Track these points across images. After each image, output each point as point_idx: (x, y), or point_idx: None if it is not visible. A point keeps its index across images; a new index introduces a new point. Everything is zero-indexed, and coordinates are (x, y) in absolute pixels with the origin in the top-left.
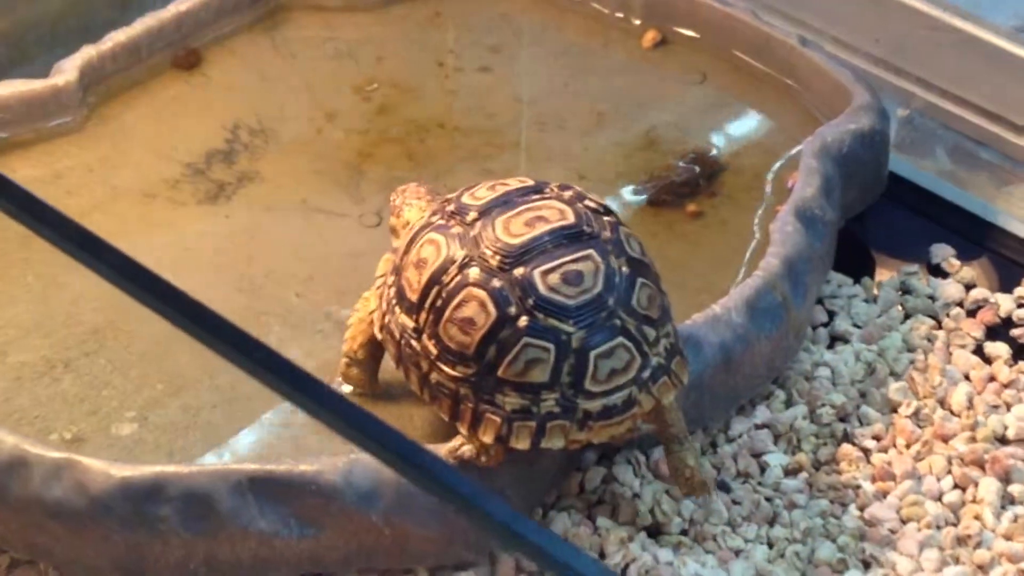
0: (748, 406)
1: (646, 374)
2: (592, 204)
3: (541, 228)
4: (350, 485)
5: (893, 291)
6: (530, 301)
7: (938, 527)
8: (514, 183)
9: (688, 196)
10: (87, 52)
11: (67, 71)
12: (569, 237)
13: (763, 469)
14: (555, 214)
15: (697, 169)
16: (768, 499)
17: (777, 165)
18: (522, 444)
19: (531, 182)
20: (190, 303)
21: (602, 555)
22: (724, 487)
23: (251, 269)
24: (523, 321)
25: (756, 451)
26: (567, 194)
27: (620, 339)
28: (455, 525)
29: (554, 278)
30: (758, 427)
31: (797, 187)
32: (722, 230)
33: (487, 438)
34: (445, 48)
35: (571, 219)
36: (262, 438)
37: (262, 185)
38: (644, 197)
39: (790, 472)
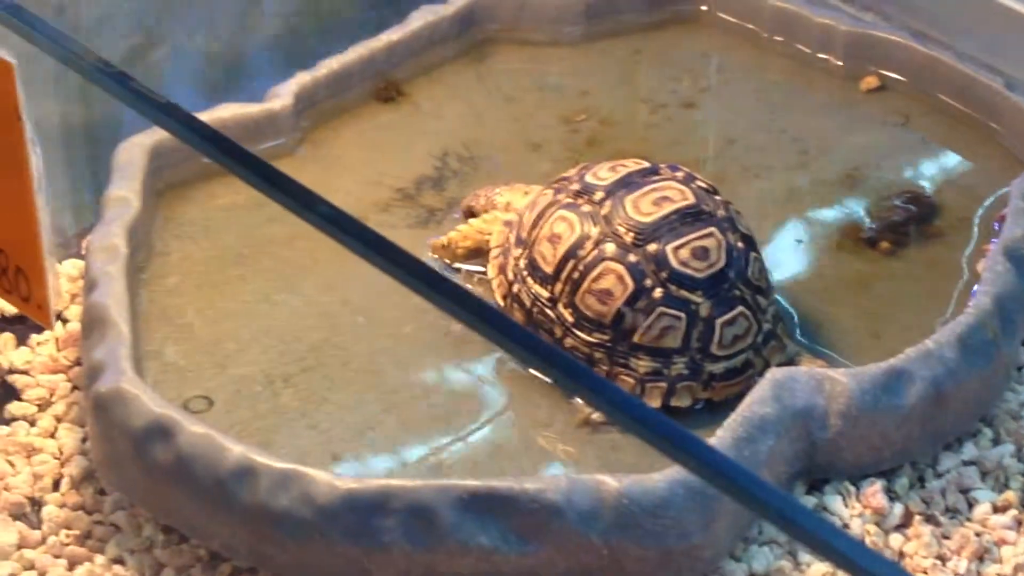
0: (955, 443)
1: (760, 339)
2: (702, 184)
3: (668, 208)
4: (571, 504)
5: None
6: (663, 274)
7: None
8: (631, 164)
9: (906, 236)
10: (302, 78)
11: (283, 96)
12: (692, 215)
13: (971, 505)
14: (677, 194)
15: (914, 209)
16: (977, 534)
17: (984, 205)
18: (654, 402)
19: (646, 164)
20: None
21: None
22: (933, 521)
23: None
24: (658, 292)
25: (964, 487)
26: (680, 175)
27: (740, 308)
28: (674, 548)
29: (684, 253)
30: (966, 463)
31: (1006, 227)
32: (930, 269)
33: None
34: (647, 84)
35: (691, 199)
36: (477, 455)
37: None
38: (870, 236)
39: (999, 509)
